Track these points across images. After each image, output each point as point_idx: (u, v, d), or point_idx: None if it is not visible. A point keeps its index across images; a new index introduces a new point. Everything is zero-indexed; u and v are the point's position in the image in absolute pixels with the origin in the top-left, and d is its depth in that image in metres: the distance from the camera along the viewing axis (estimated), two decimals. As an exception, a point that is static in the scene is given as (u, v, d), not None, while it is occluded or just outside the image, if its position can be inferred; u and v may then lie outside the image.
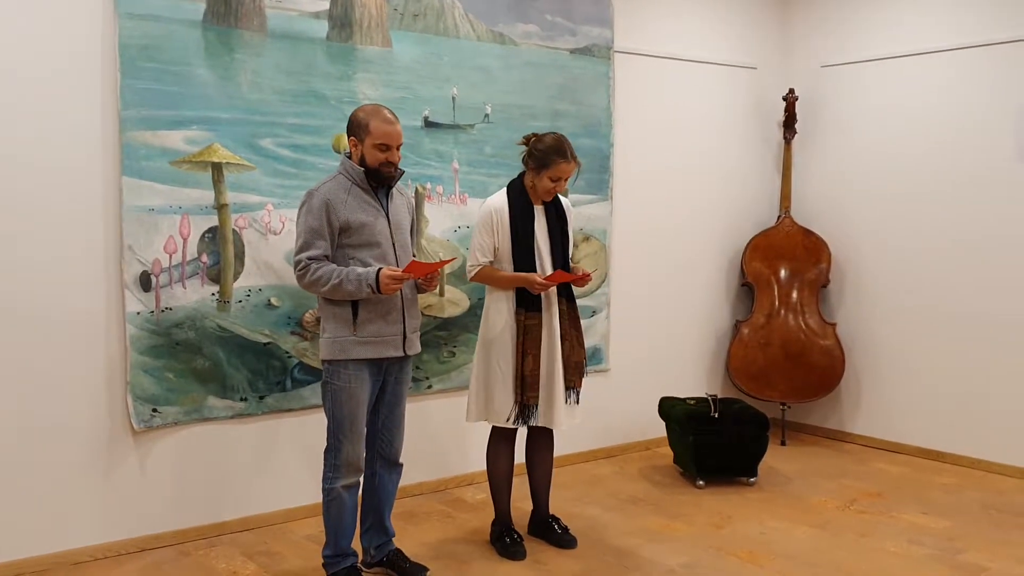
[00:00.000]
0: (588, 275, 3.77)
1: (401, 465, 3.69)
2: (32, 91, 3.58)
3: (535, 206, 3.81)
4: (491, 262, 3.77)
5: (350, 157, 3.43)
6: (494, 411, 3.77)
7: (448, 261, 3.59)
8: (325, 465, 3.47)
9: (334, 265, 3.33)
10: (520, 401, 3.73)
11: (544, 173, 3.71)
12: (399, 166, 3.44)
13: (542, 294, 3.75)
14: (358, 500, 3.55)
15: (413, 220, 3.68)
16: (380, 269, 3.29)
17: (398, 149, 3.40)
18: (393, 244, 3.46)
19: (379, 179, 3.41)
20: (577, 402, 3.88)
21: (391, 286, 3.28)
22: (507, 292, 3.76)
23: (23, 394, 3.63)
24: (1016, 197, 5.02)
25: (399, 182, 3.54)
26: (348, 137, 3.42)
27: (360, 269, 3.31)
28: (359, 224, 3.36)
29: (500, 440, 3.92)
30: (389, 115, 3.39)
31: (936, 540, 4.08)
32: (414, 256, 3.59)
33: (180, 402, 3.95)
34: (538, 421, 3.79)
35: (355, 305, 3.36)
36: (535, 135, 3.80)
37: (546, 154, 3.69)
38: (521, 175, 3.83)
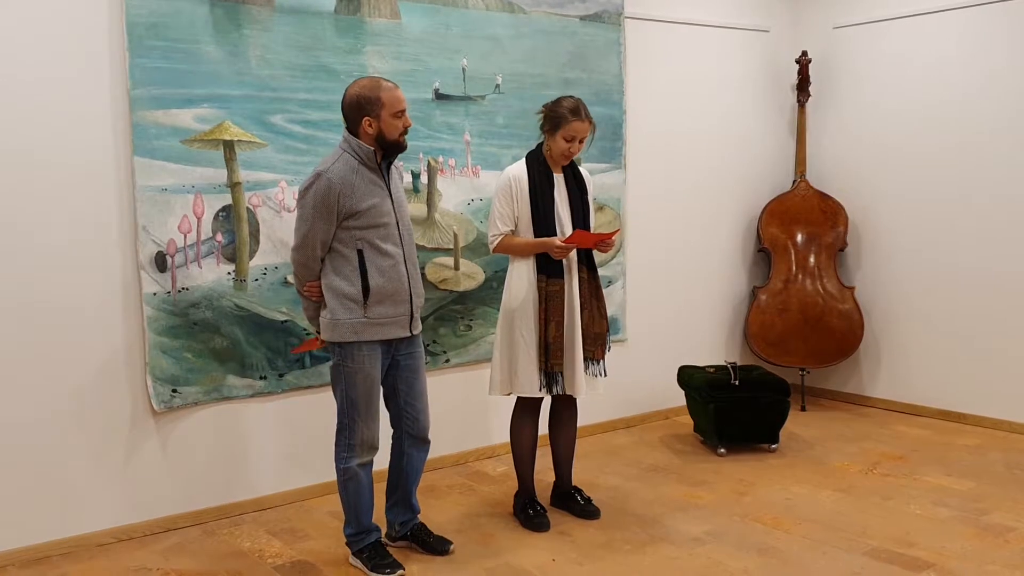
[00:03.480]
0: (611, 236, 3.72)
1: (429, 442, 3.65)
2: (40, 74, 3.54)
3: (555, 174, 3.77)
4: (512, 231, 3.74)
5: (354, 135, 3.35)
6: (519, 382, 3.74)
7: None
8: (338, 446, 3.45)
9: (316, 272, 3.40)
10: (545, 369, 3.71)
11: (558, 134, 3.69)
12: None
13: (563, 261, 3.72)
14: (373, 476, 3.52)
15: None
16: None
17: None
18: (397, 223, 3.42)
19: (397, 149, 3.38)
20: (605, 374, 3.85)
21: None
22: (528, 260, 3.73)
23: (43, 379, 3.63)
24: (1036, 154, 4.96)
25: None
26: (362, 119, 3.30)
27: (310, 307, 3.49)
28: (368, 207, 3.31)
29: (525, 412, 3.90)
30: (388, 82, 3.36)
31: (961, 501, 4.07)
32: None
33: (200, 382, 3.94)
34: (563, 389, 3.77)
35: (365, 286, 3.32)
36: (553, 100, 3.77)
37: (560, 114, 3.69)
38: (539, 145, 3.80)
